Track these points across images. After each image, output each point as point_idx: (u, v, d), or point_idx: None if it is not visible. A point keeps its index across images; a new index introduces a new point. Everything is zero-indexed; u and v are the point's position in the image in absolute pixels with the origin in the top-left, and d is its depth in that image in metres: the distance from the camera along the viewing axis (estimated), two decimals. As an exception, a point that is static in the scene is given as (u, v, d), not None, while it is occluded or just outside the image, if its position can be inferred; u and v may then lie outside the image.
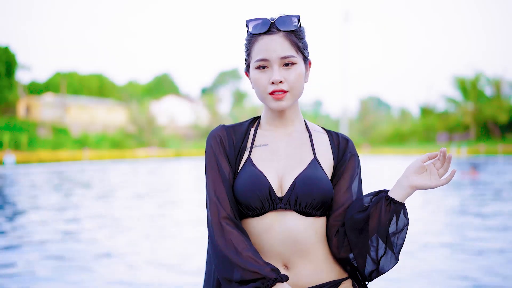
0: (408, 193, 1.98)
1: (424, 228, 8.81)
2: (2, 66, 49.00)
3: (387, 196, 1.98)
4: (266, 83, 2.00)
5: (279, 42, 1.98)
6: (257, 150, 2.10)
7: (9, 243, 7.65)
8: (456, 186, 16.89)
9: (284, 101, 2.01)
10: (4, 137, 40.23)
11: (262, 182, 2.00)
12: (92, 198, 14.01)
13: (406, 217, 1.99)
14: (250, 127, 2.16)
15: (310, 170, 2.03)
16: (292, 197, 1.99)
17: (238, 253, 1.91)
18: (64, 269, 6.04)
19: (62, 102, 59.07)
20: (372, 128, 70.38)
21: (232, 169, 2.08)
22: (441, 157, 1.95)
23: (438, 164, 1.96)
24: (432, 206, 12.00)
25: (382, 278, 4.08)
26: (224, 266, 1.93)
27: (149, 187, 17.77)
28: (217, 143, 2.09)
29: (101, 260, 6.59)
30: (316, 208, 2.00)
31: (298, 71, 2.01)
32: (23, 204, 12.71)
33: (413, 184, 1.96)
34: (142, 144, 56.37)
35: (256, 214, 2.02)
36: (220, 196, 2.02)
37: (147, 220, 10.10)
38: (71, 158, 37.50)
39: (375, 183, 18.63)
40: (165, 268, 6.24)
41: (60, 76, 68.73)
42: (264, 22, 2.00)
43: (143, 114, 59.93)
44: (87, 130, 55.46)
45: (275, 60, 1.98)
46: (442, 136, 60.25)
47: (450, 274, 5.80)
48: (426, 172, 1.97)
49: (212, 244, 1.98)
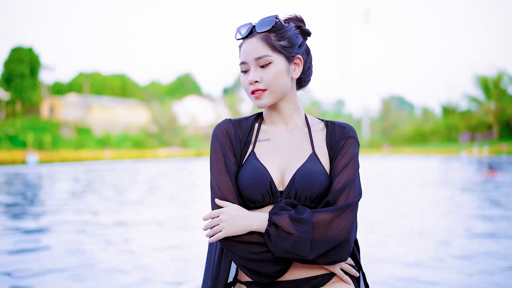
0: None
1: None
2: (26, 66, 49.74)
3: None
4: (247, 84, 2.11)
5: (254, 44, 2.08)
6: (260, 144, 2.18)
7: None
8: (470, 186, 16.91)
9: (264, 99, 2.11)
10: (28, 137, 40.74)
11: (264, 175, 2.07)
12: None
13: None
14: (254, 122, 2.24)
15: (308, 165, 2.09)
16: (292, 191, 2.06)
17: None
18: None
19: (85, 102, 59.66)
20: (393, 127, 69.89)
21: (236, 161, 2.16)
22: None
23: None
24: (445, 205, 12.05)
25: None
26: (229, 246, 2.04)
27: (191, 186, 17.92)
28: (224, 136, 2.17)
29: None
30: (315, 201, 2.07)
31: (275, 69, 2.08)
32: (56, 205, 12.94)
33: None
34: (163, 144, 56.72)
35: (257, 206, 2.09)
36: (224, 186, 2.10)
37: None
38: (93, 157, 37.88)
39: (377, 183, 18.66)
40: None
41: (83, 76, 69.53)
42: (247, 27, 2.12)
43: (164, 114, 60.29)
44: (110, 130, 55.87)
45: (251, 61, 2.09)
46: (464, 136, 59.78)
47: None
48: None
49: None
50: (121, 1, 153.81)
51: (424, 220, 9.63)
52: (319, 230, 1.98)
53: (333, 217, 2.00)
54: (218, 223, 2.03)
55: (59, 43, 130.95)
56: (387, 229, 8.87)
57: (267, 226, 1.99)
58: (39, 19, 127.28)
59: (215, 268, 2.17)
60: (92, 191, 16.04)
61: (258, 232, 2.02)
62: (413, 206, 11.94)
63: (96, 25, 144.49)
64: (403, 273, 5.78)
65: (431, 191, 15.34)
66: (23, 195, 14.58)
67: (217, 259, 2.17)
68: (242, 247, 2.02)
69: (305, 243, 1.95)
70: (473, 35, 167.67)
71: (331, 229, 1.99)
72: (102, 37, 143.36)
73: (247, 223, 2.01)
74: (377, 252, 6.89)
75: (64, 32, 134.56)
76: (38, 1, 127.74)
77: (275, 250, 1.97)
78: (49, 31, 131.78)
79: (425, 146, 58.15)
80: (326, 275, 2.10)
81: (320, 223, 1.98)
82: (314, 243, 1.97)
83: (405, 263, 6.25)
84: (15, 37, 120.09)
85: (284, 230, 1.95)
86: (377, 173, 24.14)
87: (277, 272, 2.03)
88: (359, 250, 2.26)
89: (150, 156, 45.27)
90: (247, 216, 2.02)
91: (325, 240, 1.98)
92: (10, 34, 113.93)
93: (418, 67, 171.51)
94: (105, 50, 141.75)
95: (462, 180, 19.28)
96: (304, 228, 1.95)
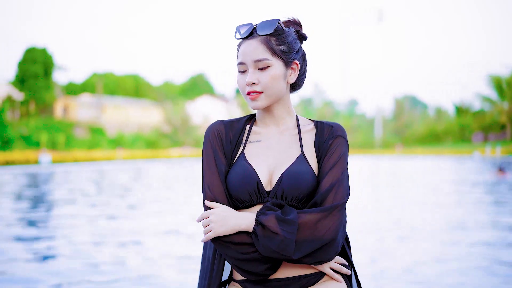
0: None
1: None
2: (40, 67, 50.04)
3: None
4: (243, 84, 2.14)
5: (254, 46, 2.11)
6: (251, 145, 2.21)
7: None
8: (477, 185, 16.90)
9: (259, 101, 2.14)
10: (41, 137, 40.96)
11: (251, 176, 2.11)
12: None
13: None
14: (246, 124, 2.28)
15: (296, 165, 2.11)
16: (279, 191, 2.08)
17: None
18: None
19: (98, 102, 59.86)
20: (406, 127, 69.46)
21: (227, 162, 2.19)
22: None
23: None
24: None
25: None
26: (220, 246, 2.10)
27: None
28: (215, 137, 2.21)
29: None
30: (302, 201, 2.09)
31: (272, 73, 2.11)
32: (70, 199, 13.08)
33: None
34: (176, 144, 56.83)
35: (245, 206, 2.13)
36: (214, 186, 2.14)
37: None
38: (105, 157, 38.07)
39: (379, 183, 18.68)
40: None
41: (96, 76, 69.81)
42: (247, 27, 2.14)
43: (177, 114, 60.36)
44: (123, 130, 56.00)
45: (250, 63, 2.11)
46: (478, 136, 59.40)
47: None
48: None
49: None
50: (135, 2, 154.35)
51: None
52: (305, 231, 2.00)
53: (320, 218, 2.02)
54: (209, 224, 2.08)
55: (73, 43, 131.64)
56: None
57: (254, 226, 2.04)
58: (53, 20, 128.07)
59: (209, 267, 2.21)
60: (101, 192, 16.17)
61: (247, 232, 2.06)
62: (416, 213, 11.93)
63: (110, 26, 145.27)
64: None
65: (436, 196, 15.31)
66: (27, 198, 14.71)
67: (211, 258, 2.22)
68: (231, 247, 2.07)
69: (290, 243, 1.98)
70: (488, 35, 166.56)
71: (317, 230, 2.01)
72: (116, 38, 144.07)
73: (236, 223, 2.05)
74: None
75: (78, 33, 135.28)
76: (52, 2, 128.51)
77: (262, 250, 2.02)
78: (63, 32, 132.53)
79: (438, 147, 57.81)
80: (317, 274, 2.14)
81: (306, 224, 2.01)
82: (300, 243, 2.00)
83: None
84: (29, 38, 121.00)
85: (271, 230, 1.99)
86: (389, 175, 24.09)
87: (266, 271, 2.07)
88: (350, 247, 2.28)
89: (162, 156, 45.38)
90: (236, 216, 2.06)
91: (312, 240, 2.00)
92: (24, 35, 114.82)
93: (431, 67, 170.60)
94: (119, 50, 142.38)
95: (470, 183, 19.18)
96: (290, 229, 1.98)
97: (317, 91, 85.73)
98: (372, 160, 38.58)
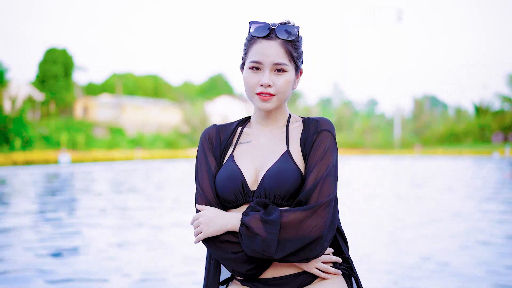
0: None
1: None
2: (60, 67, 50.49)
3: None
4: (255, 83, 2.17)
5: (274, 49, 2.14)
6: (240, 146, 2.27)
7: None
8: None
9: (270, 103, 2.17)
10: (61, 137, 41.24)
11: (236, 176, 2.16)
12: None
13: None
14: (238, 126, 2.33)
15: (279, 163, 2.14)
16: (262, 190, 2.12)
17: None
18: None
19: (118, 102, 60.13)
20: (426, 127, 68.89)
21: (218, 164, 2.26)
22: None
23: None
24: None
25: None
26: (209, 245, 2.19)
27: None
28: (206, 140, 2.29)
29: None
30: (285, 199, 2.12)
31: (287, 78, 2.16)
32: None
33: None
34: (195, 144, 56.82)
35: (232, 206, 2.18)
36: (204, 187, 2.22)
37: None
38: (124, 157, 38.24)
39: (383, 184, 18.58)
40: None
41: (116, 77, 70.18)
42: (265, 27, 2.16)
43: (196, 114, 60.49)
44: (142, 130, 56.18)
45: (268, 64, 2.14)
46: (497, 136, 58.84)
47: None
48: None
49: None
50: (156, 3, 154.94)
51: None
52: (289, 230, 2.03)
53: (304, 217, 2.03)
54: (198, 226, 2.16)
55: (93, 44, 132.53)
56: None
57: (239, 226, 2.09)
58: (74, 21, 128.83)
59: (206, 267, 2.29)
60: (118, 191, 16.28)
61: (234, 232, 2.12)
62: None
63: (131, 27, 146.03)
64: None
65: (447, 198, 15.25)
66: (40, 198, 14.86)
67: (207, 258, 2.30)
68: (221, 247, 2.13)
69: (272, 243, 2.01)
70: (507, 35, 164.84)
71: (302, 229, 2.03)
72: (135, 38, 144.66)
73: (223, 223, 2.12)
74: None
75: (98, 34, 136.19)
76: (73, 3, 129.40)
77: (247, 250, 2.07)
78: (83, 33, 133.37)
79: (457, 147, 57.33)
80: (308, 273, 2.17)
81: (290, 223, 2.03)
82: (283, 243, 2.03)
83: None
84: (50, 39, 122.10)
85: (253, 230, 2.03)
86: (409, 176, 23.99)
87: (252, 270, 2.12)
88: (347, 244, 2.30)
89: (181, 156, 45.49)
90: (223, 217, 2.13)
91: (295, 239, 2.03)
92: (45, 36, 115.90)
93: (452, 67, 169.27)
94: (139, 51, 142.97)
95: (481, 185, 19.00)
96: (271, 229, 2.01)
97: (336, 91, 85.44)
98: (392, 161, 38.34)
